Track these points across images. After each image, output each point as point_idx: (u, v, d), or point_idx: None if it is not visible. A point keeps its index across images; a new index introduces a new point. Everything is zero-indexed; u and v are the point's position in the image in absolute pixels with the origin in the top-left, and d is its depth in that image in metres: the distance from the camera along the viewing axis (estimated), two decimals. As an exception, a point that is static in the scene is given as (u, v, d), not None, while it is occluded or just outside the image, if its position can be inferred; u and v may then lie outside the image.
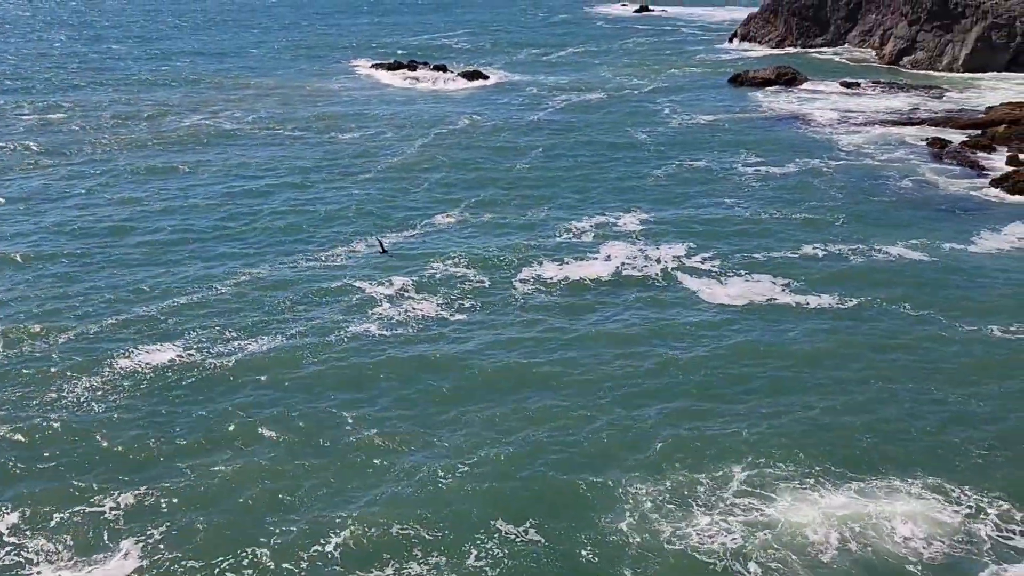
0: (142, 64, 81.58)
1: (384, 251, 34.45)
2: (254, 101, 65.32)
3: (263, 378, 25.40)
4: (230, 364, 26.04)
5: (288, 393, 24.80)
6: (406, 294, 31.19)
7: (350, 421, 23.50)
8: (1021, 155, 50.91)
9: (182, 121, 57.57)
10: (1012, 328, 28.59)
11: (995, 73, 78.32)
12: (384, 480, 21.05)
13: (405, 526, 19.47)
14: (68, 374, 25.32)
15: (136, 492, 20.43)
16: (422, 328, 28.72)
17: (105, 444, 22.26)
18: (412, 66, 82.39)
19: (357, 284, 31.93)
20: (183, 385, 24.94)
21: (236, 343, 27.38)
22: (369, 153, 50.80)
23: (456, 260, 34.32)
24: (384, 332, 28.37)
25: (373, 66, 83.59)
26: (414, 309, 30.01)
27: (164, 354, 26.45)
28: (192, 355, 26.46)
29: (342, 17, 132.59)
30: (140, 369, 25.67)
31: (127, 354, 26.42)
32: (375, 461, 21.76)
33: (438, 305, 30.38)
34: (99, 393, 24.49)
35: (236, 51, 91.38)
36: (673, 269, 33.70)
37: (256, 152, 50.49)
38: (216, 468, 21.40)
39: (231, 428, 23.11)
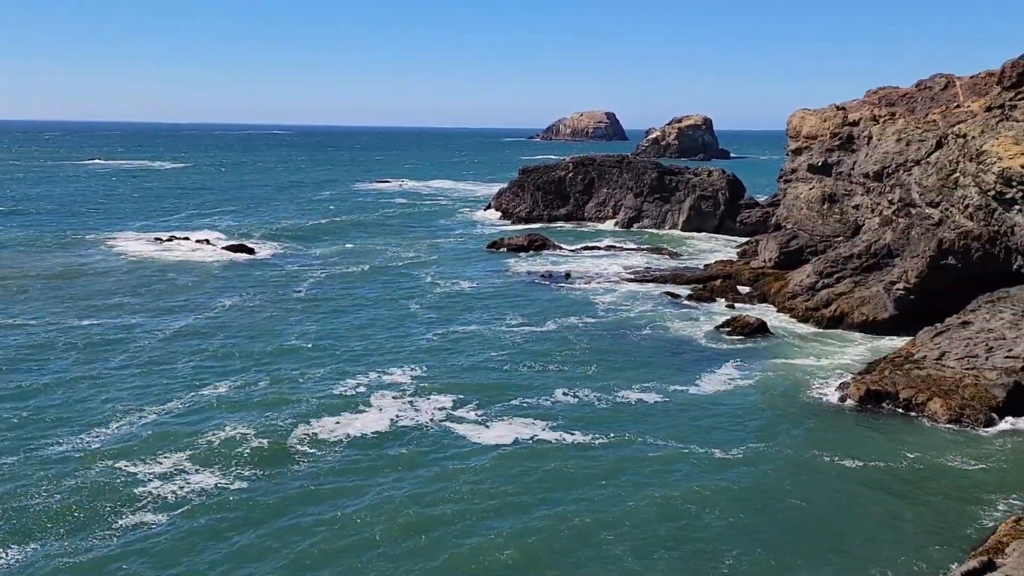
0: None
1: None
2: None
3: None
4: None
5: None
6: (179, 470, 29.93)
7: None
8: (735, 303, 59.45)
9: None
10: (731, 452, 32.95)
11: (707, 234, 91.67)
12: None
13: None
14: None
15: None
16: (201, 504, 27.54)
17: None
18: (172, 239, 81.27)
19: (120, 466, 30.12)
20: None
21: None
22: (122, 336, 47.91)
23: (230, 429, 33.67)
24: (159, 518, 26.59)
25: (132, 241, 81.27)
26: (189, 486, 28.77)
27: None
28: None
29: (101, 197, 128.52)
30: None
31: None
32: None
33: (216, 478, 29.42)
34: None
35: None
36: (441, 419, 35.55)
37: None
38: None
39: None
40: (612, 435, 34.20)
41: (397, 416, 35.73)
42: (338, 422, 34.84)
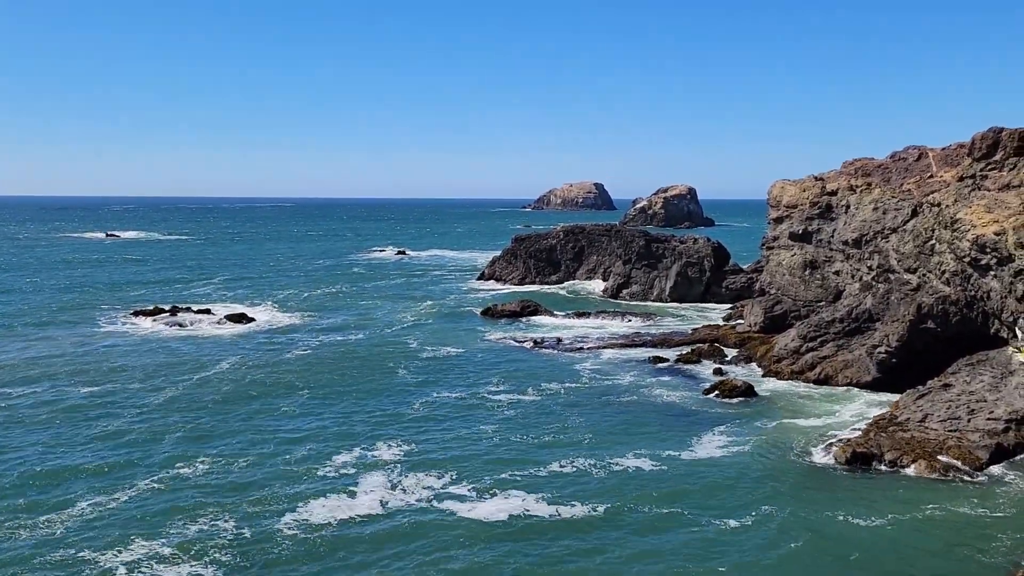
0: None
1: None
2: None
3: None
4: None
5: None
6: (148, 561, 28.39)
7: None
8: (723, 367, 60.40)
9: None
10: (744, 522, 32.93)
11: (693, 299, 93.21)
12: None
13: None
14: None
15: None
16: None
17: None
18: (174, 311, 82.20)
19: (85, 555, 28.56)
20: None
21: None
22: (106, 408, 47.38)
23: (209, 513, 32.49)
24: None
25: (132, 314, 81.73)
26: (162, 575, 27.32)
27: None
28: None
29: (104, 269, 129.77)
30: None
31: None
32: None
33: (191, 569, 27.99)
34: None
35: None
36: (432, 497, 34.89)
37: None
38: None
39: None
40: (611, 506, 33.81)
41: (387, 495, 34.80)
42: (326, 503, 33.83)
